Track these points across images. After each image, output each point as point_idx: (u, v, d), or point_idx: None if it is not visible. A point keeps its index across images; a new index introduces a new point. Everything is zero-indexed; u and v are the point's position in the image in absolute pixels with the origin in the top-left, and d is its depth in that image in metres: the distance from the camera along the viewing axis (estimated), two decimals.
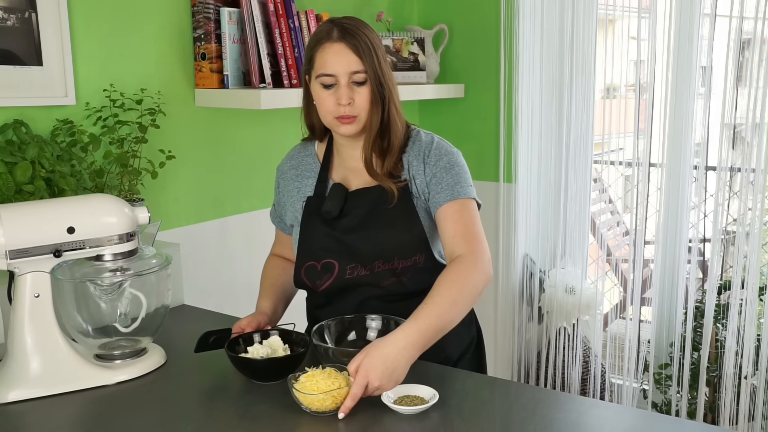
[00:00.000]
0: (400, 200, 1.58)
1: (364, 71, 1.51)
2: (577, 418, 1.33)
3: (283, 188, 1.73)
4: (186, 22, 2.19)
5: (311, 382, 1.32)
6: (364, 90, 1.52)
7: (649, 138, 2.76)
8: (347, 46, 1.50)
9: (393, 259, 1.57)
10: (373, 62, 1.52)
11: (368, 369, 1.30)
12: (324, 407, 1.30)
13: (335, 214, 1.59)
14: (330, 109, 1.54)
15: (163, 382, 1.51)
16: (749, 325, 2.57)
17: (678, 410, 2.78)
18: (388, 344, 1.33)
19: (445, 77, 3.09)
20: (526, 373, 3.12)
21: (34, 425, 1.35)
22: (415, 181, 1.59)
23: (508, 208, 2.99)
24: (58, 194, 1.73)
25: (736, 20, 2.47)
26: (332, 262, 1.60)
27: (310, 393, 1.30)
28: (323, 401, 1.29)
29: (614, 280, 3.42)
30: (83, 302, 1.52)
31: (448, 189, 1.55)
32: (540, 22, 2.82)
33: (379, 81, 1.53)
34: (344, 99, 1.51)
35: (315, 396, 1.29)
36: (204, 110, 2.27)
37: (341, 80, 1.51)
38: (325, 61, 1.51)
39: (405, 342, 1.34)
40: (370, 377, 1.30)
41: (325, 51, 1.52)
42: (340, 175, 1.65)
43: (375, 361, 1.31)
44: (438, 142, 1.62)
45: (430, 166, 1.57)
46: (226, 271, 2.40)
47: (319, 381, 1.32)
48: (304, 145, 1.74)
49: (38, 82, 1.84)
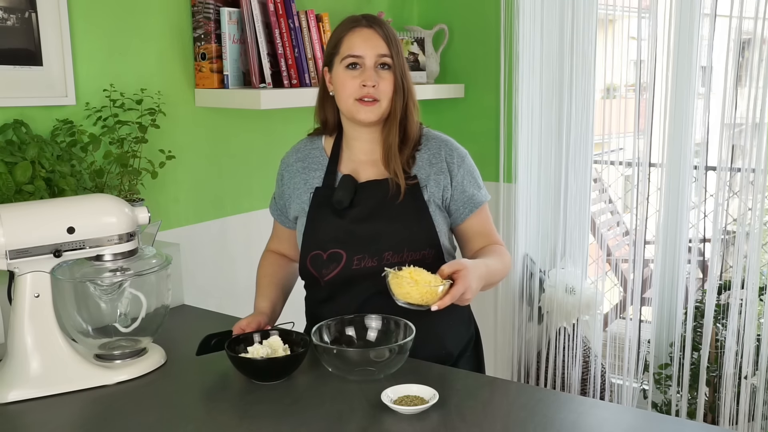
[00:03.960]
0: (410, 194, 1.60)
1: (390, 56, 1.58)
2: (577, 418, 1.34)
3: (288, 180, 1.72)
4: (186, 22, 2.19)
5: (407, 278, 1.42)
6: (389, 75, 1.59)
7: (649, 138, 2.76)
8: (376, 32, 1.59)
9: (403, 251, 1.58)
10: (398, 53, 1.60)
11: (470, 278, 1.43)
12: (420, 300, 1.40)
13: (346, 203, 1.60)
14: (352, 91, 1.57)
15: (163, 382, 1.51)
16: (749, 325, 2.57)
17: (678, 410, 2.78)
18: (478, 265, 1.49)
19: (445, 77, 3.09)
20: (526, 373, 3.12)
21: (34, 425, 1.35)
22: (429, 181, 1.62)
23: (508, 208, 2.99)
24: (58, 194, 1.73)
25: (736, 20, 2.47)
26: (339, 252, 1.60)
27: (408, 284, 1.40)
28: (423, 294, 1.40)
29: (614, 280, 3.42)
30: (83, 302, 1.52)
31: (470, 201, 1.65)
32: (540, 22, 2.81)
33: (402, 71, 1.60)
34: (370, 80, 1.56)
35: (412, 288, 1.40)
36: (204, 110, 2.27)
37: (368, 62, 1.57)
38: (353, 43, 1.58)
39: (483, 272, 1.50)
40: (472, 285, 1.42)
41: (354, 34, 1.59)
42: (349, 168, 1.66)
43: (474, 273, 1.45)
44: (453, 144, 1.68)
45: (453, 174, 1.64)
46: (226, 271, 2.40)
47: (415, 277, 1.41)
48: (310, 139, 1.74)
49: (38, 82, 1.84)
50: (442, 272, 1.44)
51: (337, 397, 1.39)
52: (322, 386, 1.45)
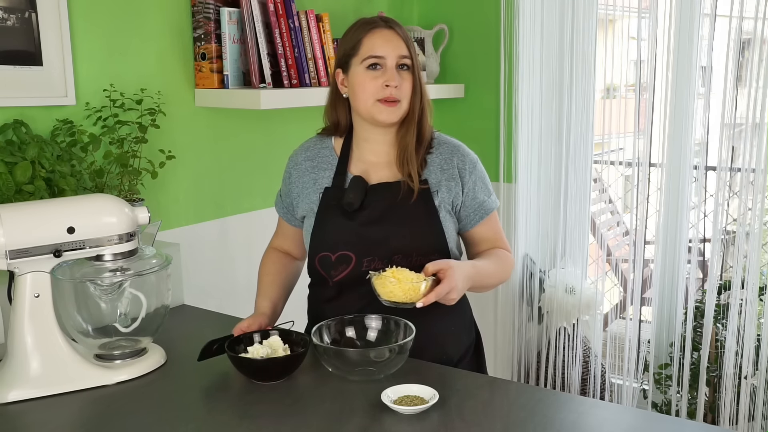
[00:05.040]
0: (421, 198, 1.60)
1: (410, 57, 1.59)
2: (577, 418, 1.34)
3: (296, 179, 1.71)
4: (186, 22, 2.19)
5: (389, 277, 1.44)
6: (409, 77, 1.60)
7: (649, 138, 2.76)
8: (396, 33, 1.60)
9: (411, 255, 1.58)
10: (415, 54, 1.61)
11: (456, 278, 1.44)
12: (404, 298, 1.43)
13: (357, 206, 1.59)
14: (374, 91, 1.57)
15: (163, 382, 1.51)
16: (749, 325, 2.57)
17: (678, 410, 2.78)
18: (463, 266, 1.50)
19: (445, 77, 3.09)
20: (526, 373, 3.12)
21: (34, 425, 1.35)
22: (440, 186, 1.62)
23: (508, 208, 2.99)
24: (58, 194, 1.73)
25: (736, 20, 2.47)
26: (349, 254, 1.60)
27: (390, 283, 1.43)
28: (406, 292, 1.42)
29: (614, 280, 3.42)
30: (83, 302, 1.52)
31: (480, 208, 1.66)
32: (540, 22, 2.82)
33: (419, 72, 1.62)
34: (394, 80, 1.57)
35: (395, 286, 1.42)
36: (204, 110, 2.27)
37: (389, 62, 1.58)
38: (374, 44, 1.58)
39: (470, 273, 1.52)
40: (458, 285, 1.45)
41: (375, 35, 1.58)
42: (360, 169, 1.65)
43: (459, 273, 1.46)
44: (464, 150, 1.68)
45: (465, 181, 1.64)
46: (226, 271, 2.40)
47: (397, 276, 1.44)
48: (320, 138, 1.73)
49: (38, 82, 1.84)
50: (427, 270, 1.46)
51: (337, 397, 1.39)
52: (322, 386, 1.45)
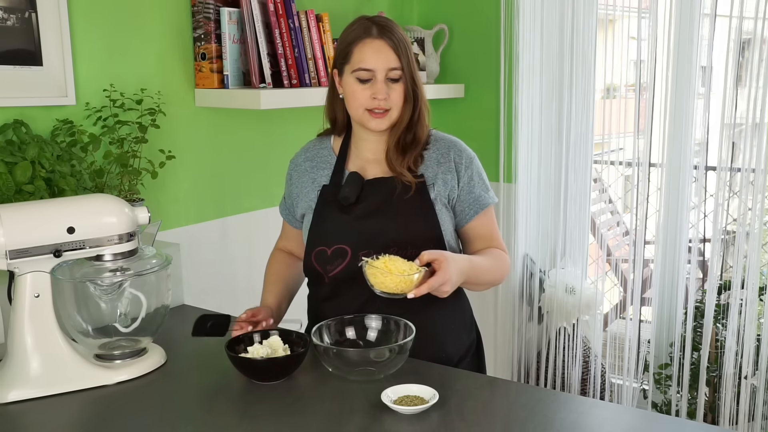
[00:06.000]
0: (416, 191, 1.61)
1: (400, 68, 1.58)
2: (577, 418, 1.34)
3: (296, 180, 1.73)
4: (186, 22, 2.19)
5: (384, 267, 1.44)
6: (399, 87, 1.59)
7: (649, 138, 2.76)
8: (387, 44, 1.57)
9: (407, 248, 1.58)
10: (408, 61, 1.59)
11: (450, 271, 1.45)
12: (395, 289, 1.43)
13: (353, 199, 1.61)
14: (363, 102, 1.58)
15: (163, 382, 1.51)
16: (749, 325, 2.57)
17: (678, 410, 2.78)
18: (459, 259, 1.51)
19: (445, 77, 3.09)
20: (526, 373, 3.12)
21: (34, 425, 1.35)
22: (436, 179, 1.63)
23: (508, 208, 2.99)
24: (58, 194, 1.73)
25: (736, 20, 2.47)
26: (344, 248, 1.61)
27: (383, 274, 1.43)
28: (398, 283, 1.42)
29: (614, 280, 3.42)
30: (83, 302, 1.52)
31: (476, 203, 1.66)
32: (540, 22, 2.81)
33: (413, 78, 1.60)
34: (381, 93, 1.57)
35: (387, 277, 1.42)
36: (204, 110, 2.27)
37: (378, 75, 1.57)
38: (363, 57, 1.57)
39: (465, 267, 1.52)
40: (452, 278, 1.45)
41: (365, 47, 1.57)
42: (357, 165, 1.67)
43: (454, 265, 1.47)
44: (461, 146, 1.69)
45: (461, 175, 1.65)
46: (226, 271, 2.40)
47: (390, 266, 1.44)
48: (320, 139, 1.76)
49: (38, 82, 1.84)
50: (422, 258, 1.47)
51: (337, 397, 1.39)
52: (322, 386, 1.45)
